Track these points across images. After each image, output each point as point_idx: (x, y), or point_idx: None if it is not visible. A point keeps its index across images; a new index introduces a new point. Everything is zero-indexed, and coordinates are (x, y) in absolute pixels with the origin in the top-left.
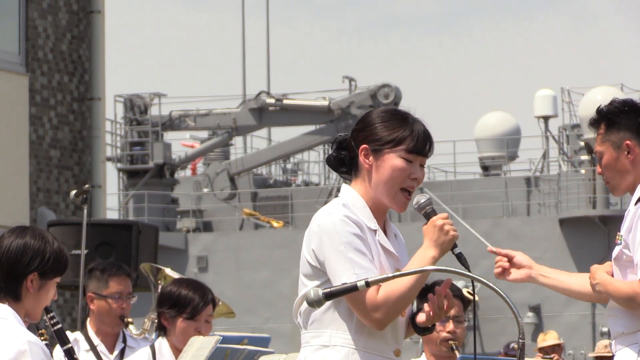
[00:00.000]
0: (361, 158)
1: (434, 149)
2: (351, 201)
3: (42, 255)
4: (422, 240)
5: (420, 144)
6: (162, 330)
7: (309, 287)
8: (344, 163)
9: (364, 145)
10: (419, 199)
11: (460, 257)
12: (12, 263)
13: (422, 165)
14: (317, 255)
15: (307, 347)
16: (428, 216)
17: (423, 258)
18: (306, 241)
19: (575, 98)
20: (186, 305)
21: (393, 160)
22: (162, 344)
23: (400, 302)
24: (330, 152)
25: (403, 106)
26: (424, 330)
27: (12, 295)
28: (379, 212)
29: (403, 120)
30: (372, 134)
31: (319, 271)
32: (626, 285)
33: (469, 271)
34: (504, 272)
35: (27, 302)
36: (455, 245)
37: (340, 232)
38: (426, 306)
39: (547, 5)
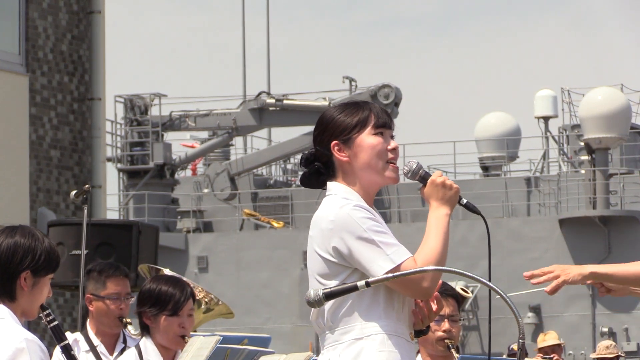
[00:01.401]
0: (336, 154)
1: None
2: (347, 195)
3: (33, 253)
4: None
5: (383, 117)
6: (144, 329)
7: (330, 286)
8: (321, 172)
9: (334, 141)
10: (410, 165)
11: (468, 206)
12: (4, 262)
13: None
14: (340, 251)
15: (337, 345)
16: (424, 179)
17: (438, 218)
18: (320, 241)
19: (575, 98)
20: (167, 302)
21: (367, 140)
22: (147, 344)
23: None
24: (301, 174)
25: (403, 106)
26: (419, 332)
27: (7, 295)
28: (368, 202)
29: (357, 104)
30: (335, 127)
31: (341, 267)
32: None
33: (482, 216)
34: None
35: (23, 300)
36: (460, 197)
37: (359, 220)
38: (413, 312)
39: (547, 6)
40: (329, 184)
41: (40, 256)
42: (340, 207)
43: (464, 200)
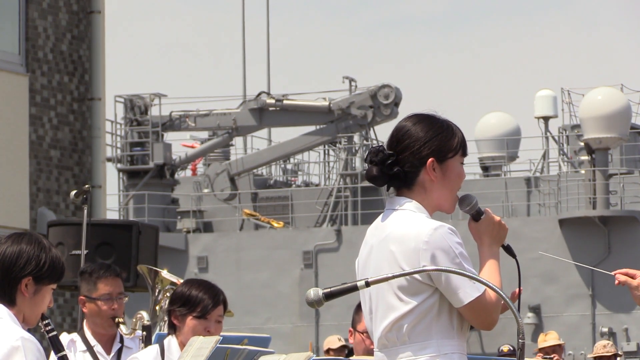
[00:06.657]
0: (428, 172)
1: None
2: (426, 213)
3: (37, 260)
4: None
5: (467, 146)
6: (172, 328)
7: (412, 304)
8: (398, 178)
9: (432, 158)
10: (469, 200)
11: (508, 249)
12: (7, 267)
13: None
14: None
15: None
16: (478, 214)
17: (494, 255)
18: (408, 258)
19: (576, 98)
20: (197, 304)
21: (456, 167)
22: (172, 342)
23: (500, 299)
24: (370, 167)
25: (403, 106)
26: None
27: (7, 298)
28: None
29: (448, 124)
30: (437, 144)
31: (425, 286)
32: None
33: (517, 260)
34: None
35: (23, 306)
36: None
37: (453, 246)
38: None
39: (547, 6)
40: (403, 200)
41: (44, 264)
42: (434, 228)
43: (506, 243)
